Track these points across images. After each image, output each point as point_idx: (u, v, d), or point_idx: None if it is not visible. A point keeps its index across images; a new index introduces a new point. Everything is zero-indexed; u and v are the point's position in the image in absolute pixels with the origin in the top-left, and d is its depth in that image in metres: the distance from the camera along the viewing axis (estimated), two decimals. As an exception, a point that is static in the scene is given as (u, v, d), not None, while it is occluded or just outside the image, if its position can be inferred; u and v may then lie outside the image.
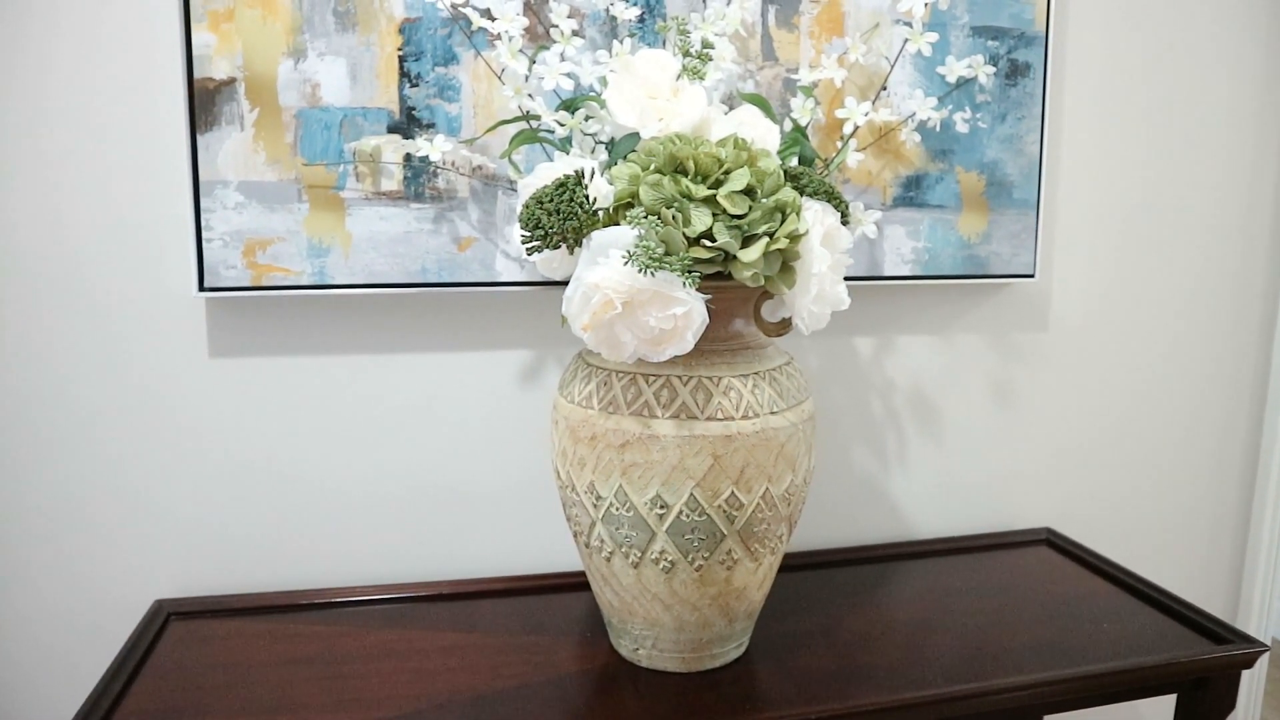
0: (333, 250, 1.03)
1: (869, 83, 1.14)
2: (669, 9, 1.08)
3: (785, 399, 0.88)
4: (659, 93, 0.89)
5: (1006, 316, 1.32)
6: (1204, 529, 1.49)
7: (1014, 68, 1.19)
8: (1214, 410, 1.46)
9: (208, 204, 1.00)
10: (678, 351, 0.79)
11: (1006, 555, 1.29)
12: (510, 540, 1.19)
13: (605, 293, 0.76)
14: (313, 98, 1.01)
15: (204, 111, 0.99)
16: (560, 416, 0.91)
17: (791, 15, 1.11)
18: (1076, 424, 1.39)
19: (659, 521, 0.86)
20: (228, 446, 1.10)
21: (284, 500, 1.12)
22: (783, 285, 0.83)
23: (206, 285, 1.01)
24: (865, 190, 1.16)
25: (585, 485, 0.88)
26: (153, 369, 1.06)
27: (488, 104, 1.04)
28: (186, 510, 1.10)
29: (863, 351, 1.27)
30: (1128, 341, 1.39)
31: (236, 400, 1.09)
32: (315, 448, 1.12)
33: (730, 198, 0.79)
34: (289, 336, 1.09)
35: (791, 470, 0.89)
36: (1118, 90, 1.31)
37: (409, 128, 1.03)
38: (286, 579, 1.13)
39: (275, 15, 0.99)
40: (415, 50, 1.02)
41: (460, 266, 1.06)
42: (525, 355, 1.16)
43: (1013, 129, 1.20)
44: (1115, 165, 1.33)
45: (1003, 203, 1.21)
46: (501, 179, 1.06)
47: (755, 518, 0.87)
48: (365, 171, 1.02)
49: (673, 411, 0.84)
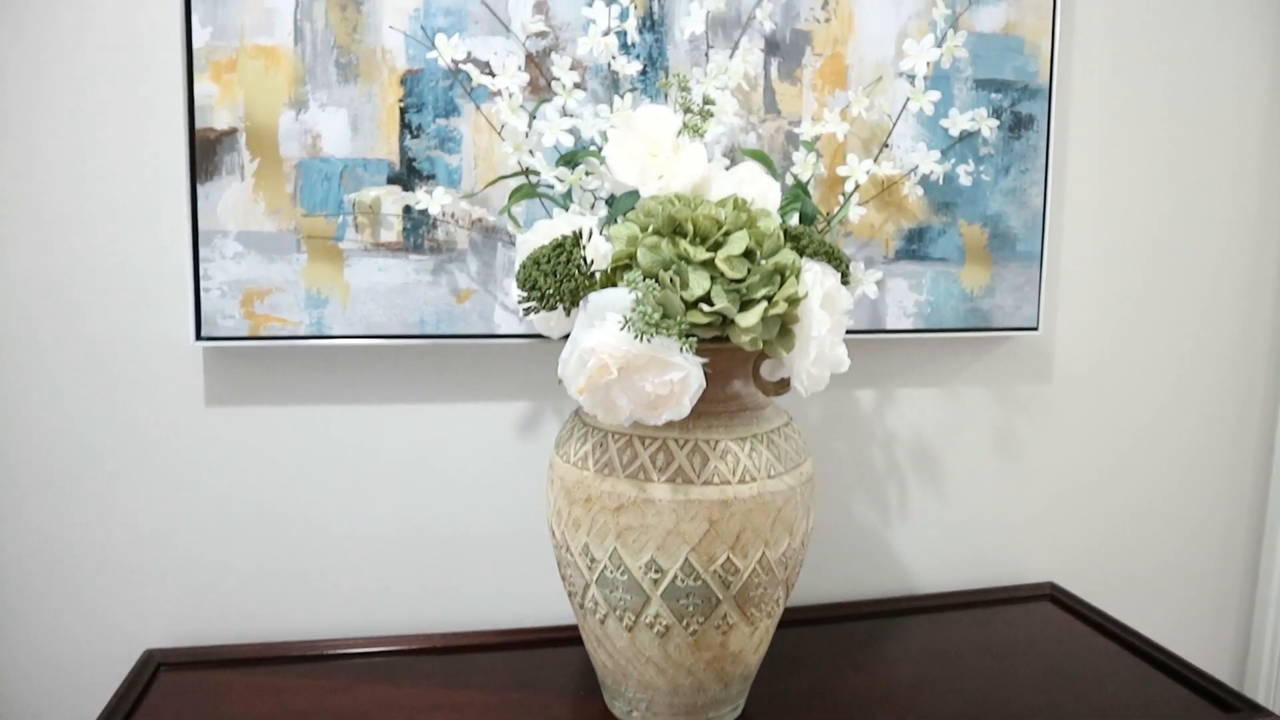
0: (331, 301, 1.02)
1: (872, 135, 1.13)
2: (671, 61, 1.08)
3: (783, 462, 0.87)
4: (659, 149, 0.89)
5: (1010, 369, 1.31)
6: (1210, 585, 1.47)
7: (1017, 120, 1.19)
8: (1220, 464, 1.44)
9: (206, 253, 0.99)
10: (674, 417, 0.78)
11: (1009, 611, 1.27)
12: (506, 593, 1.17)
13: (601, 357, 0.75)
14: (313, 148, 1.01)
15: (205, 161, 0.99)
16: (556, 476, 0.90)
17: (794, 68, 1.11)
18: (1080, 477, 1.37)
19: (653, 586, 0.84)
20: (223, 495, 1.09)
21: (278, 550, 1.11)
22: (781, 349, 0.82)
23: (204, 334, 1.01)
24: (867, 243, 1.15)
25: (580, 547, 0.87)
26: (149, 417, 1.06)
27: (488, 155, 1.04)
28: (180, 559, 1.09)
29: (864, 404, 1.26)
30: (1132, 394, 1.38)
31: (232, 449, 1.08)
32: (311, 498, 1.11)
33: (729, 261, 0.78)
34: (286, 386, 1.08)
35: (789, 534, 0.88)
36: (1122, 142, 1.30)
37: (409, 179, 1.03)
38: (279, 630, 1.12)
39: (278, 66, 0.99)
40: (417, 102, 1.02)
41: (459, 318, 1.05)
42: (523, 407, 1.15)
43: (1016, 181, 1.20)
44: (1119, 217, 1.32)
45: (1006, 255, 1.21)
46: (501, 231, 1.05)
47: (751, 582, 0.86)
48: (365, 222, 1.02)
49: (669, 475, 0.83)
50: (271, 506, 1.10)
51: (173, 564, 1.09)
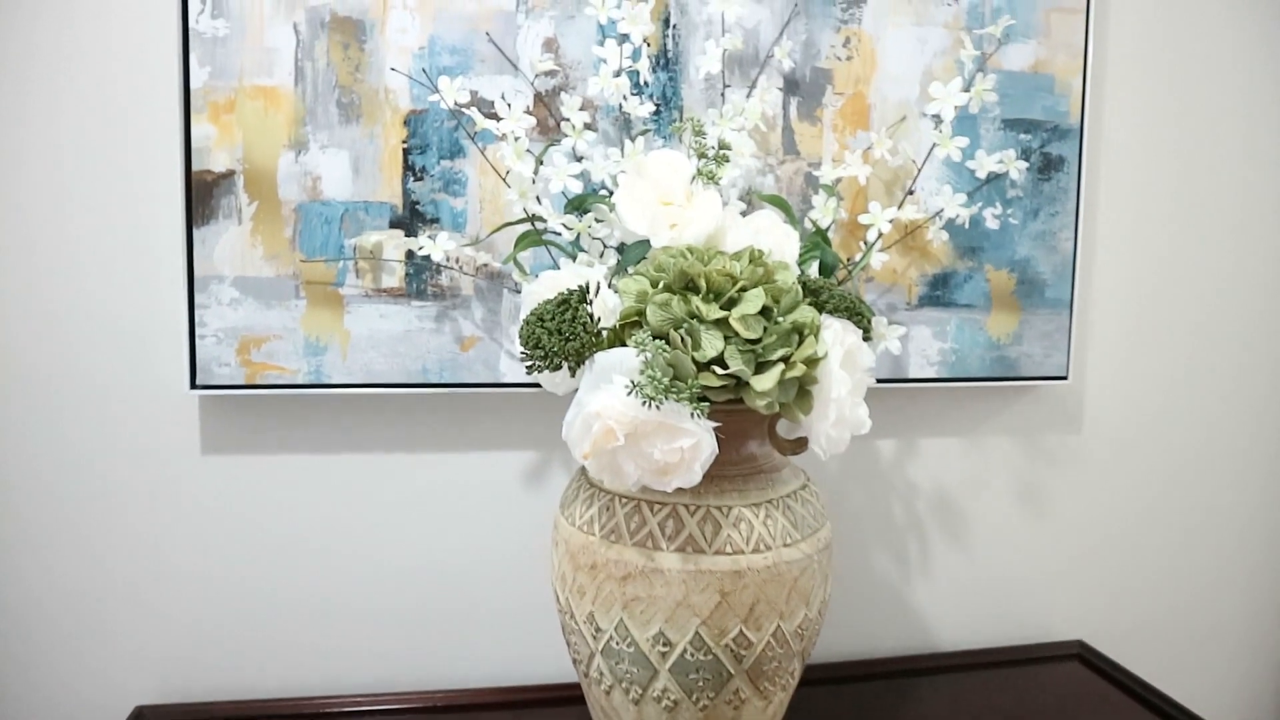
0: (330, 348, 0.99)
1: (894, 178, 1.09)
2: (685, 101, 1.04)
3: (800, 529, 0.83)
4: (672, 197, 0.85)
5: (1037, 419, 1.25)
6: (1245, 643, 1.40)
7: (1047, 161, 1.14)
8: (1257, 521, 1.38)
9: (202, 299, 0.96)
10: (685, 484, 0.74)
11: (1036, 671, 1.21)
12: (510, 649, 1.13)
13: (606, 422, 0.71)
14: (313, 191, 0.97)
15: (201, 204, 0.95)
16: (561, 538, 0.85)
17: (814, 108, 1.07)
18: (1110, 531, 1.31)
19: (661, 659, 0.80)
20: (218, 546, 1.05)
21: (275, 603, 1.07)
22: (799, 412, 0.78)
23: (199, 383, 0.97)
24: (890, 289, 1.11)
25: (584, 615, 0.82)
26: (143, 466, 1.02)
27: (495, 198, 1.00)
28: (173, 612, 1.05)
29: (885, 455, 1.21)
30: (1165, 446, 1.32)
31: (228, 499, 1.04)
32: (309, 549, 1.07)
33: (744, 320, 0.74)
34: (284, 435, 1.04)
35: (805, 605, 0.83)
36: (1155, 184, 1.25)
37: (412, 223, 0.99)
38: (275, 686, 1.07)
39: (277, 107, 0.96)
40: (420, 143, 0.99)
41: (463, 367, 1.01)
42: (529, 458, 1.10)
43: (1045, 225, 1.15)
44: (1152, 262, 1.27)
45: (1034, 302, 1.16)
46: (506, 277, 1.01)
47: (765, 656, 0.81)
48: (366, 268, 0.99)
49: (678, 544, 0.78)
50: (269, 559, 1.06)
51: (166, 618, 1.05)
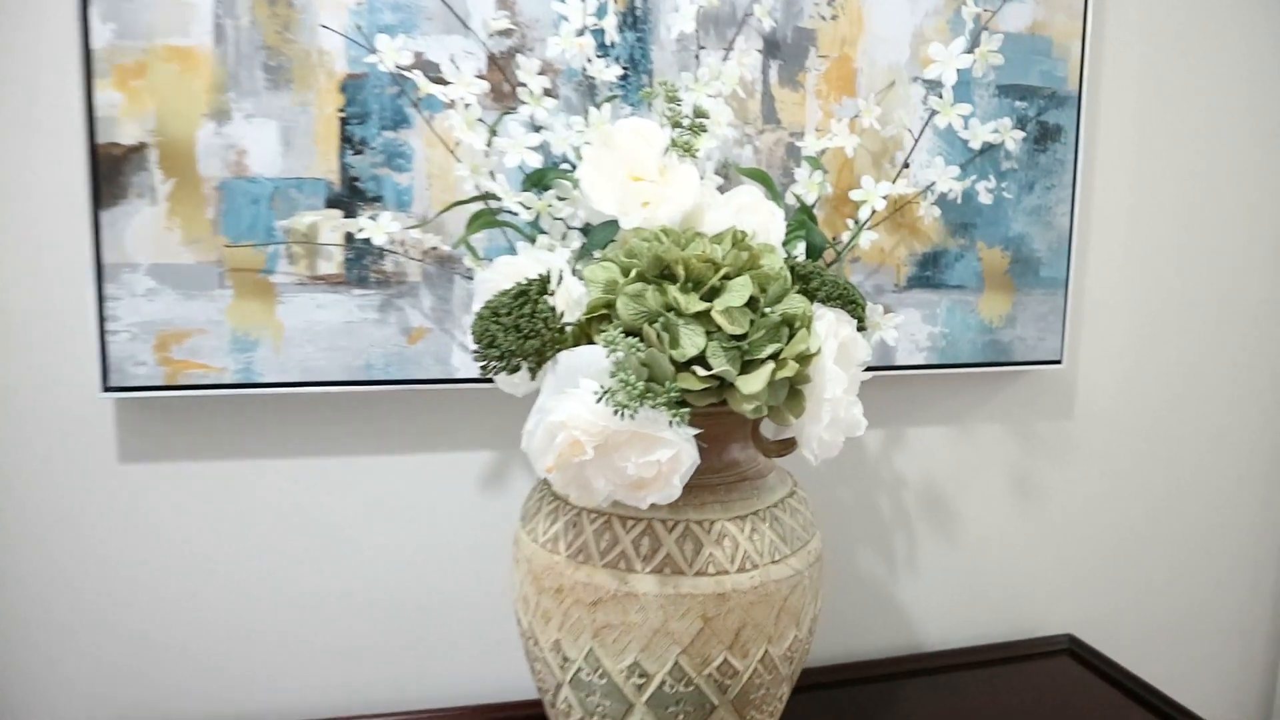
0: (261, 343, 0.88)
1: (883, 149, 1.00)
2: (656, 65, 0.94)
3: (789, 542, 0.74)
4: (643, 171, 0.75)
5: (1030, 405, 1.18)
6: (1237, 636, 1.36)
7: (1043, 131, 1.06)
8: (1252, 509, 1.33)
9: (113, 290, 0.85)
10: (662, 500, 0.65)
11: (1025, 668, 1.16)
12: (470, 665, 1.04)
13: (572, 433, 0.62)
14: (238, 166, 0.86)
15: (108, 183, 0.84)
16: (522, 556, 0.76)
17: (796, 72, 0.98)
18: (1103, 520, 1.25)
19: (637, 692, 0.71)
20: (142, 562, 0.94)
21: (209, 621, 0.97)
22: (790, 415, 0.69)
23: (111, 384, 0.86)
24: (876, 270, 1.02)
25: (550, 643, 0.74)
26: (54, 477, 0.91)
27: (444, 173, 0.90)
28: (96, 634, 0.94)
29: (871, 446, 1.13)
30: (1161, 433, 1.26)
31: (153, 511, 0.94)
32: (245, 564, 0.97)
33: (728, 313, 0.65)
34: (211, 440, 0.94)
35: (796, 625, 0.75)
36: (1156, 156, 1.18)
37: (352, 201, 0.88)
38: (213, 711, 0.98)
39: (195, 70, 0.84)
40: (360, 111, 0.88)
41: (410, 361, 0.91)
42: (486, 459, 1.01)
43: (1041, 199, 1.07)
44: (1152, 240, 1.20)
45: (1029, 282, 1.08)
46: (458, 261, 0.91)
47: (752, 684, 0.73)
48: (300, 253, 0.88)
49: (655, 565, 0.70)
50: (200, 572, 0.96)
51: (89, 638, 0.94)
